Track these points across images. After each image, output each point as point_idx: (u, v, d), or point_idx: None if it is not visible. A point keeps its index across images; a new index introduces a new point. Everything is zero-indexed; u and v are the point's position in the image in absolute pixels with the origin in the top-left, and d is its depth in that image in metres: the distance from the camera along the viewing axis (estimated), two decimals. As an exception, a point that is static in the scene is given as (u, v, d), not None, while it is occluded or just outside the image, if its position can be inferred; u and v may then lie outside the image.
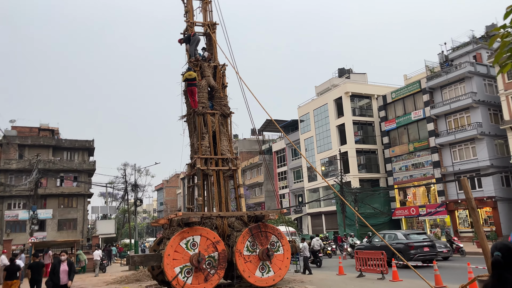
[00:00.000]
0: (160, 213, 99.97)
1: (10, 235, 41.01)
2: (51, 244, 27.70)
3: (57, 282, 10.02)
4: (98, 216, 57.02)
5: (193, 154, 16.35)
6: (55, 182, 46.38)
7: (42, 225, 42.74)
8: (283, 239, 14.84)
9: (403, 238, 18.78)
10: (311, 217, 48.64)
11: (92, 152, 50.31)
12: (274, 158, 57.16)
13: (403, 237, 18.91)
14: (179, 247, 13.01)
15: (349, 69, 53.30)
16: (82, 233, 45.77)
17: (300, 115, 51.29)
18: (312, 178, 48.04)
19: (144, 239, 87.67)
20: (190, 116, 16.83)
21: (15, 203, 44.28)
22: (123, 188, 38.95)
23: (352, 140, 43.03)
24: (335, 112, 45.32)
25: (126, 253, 38.16)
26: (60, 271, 10.19)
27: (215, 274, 13.28)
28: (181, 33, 18.16)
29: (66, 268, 10.28)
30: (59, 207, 45.88)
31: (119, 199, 53.20)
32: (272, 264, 14.19)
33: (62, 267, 10.24)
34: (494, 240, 28.11)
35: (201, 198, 15.36)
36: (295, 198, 52.77)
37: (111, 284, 17.42)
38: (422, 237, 19.39)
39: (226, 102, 16.94)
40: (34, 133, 49.48)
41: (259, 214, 15.04)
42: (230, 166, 15.93)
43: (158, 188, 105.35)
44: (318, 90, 51.78)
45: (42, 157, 37.40)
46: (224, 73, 17.36)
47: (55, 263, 10.45)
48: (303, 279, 15.22)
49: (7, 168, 43.57)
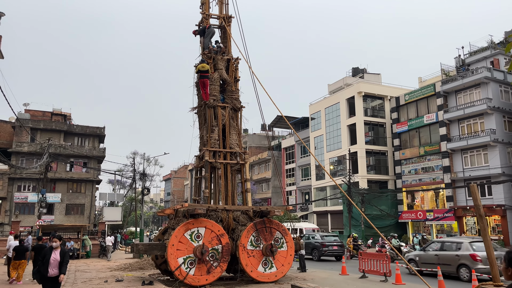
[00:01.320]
0: (167, 203, 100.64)
1: (19, 217, 41.66)
2: (58, 227, 28.05)
3: (44, 273, 8.17)
4: (105, 202, 57.57)
5: (202, 146, 16.38)
6: (65, 167, 46.90)
7: (50, 209, 43.29)
8: (288, 236, 14.82)
9: (319, 238, 25.84)
10: (317, 215, 48.55)
11: (102, 139, 50.72)
12: (283, 154, 57.08)
13: (319, 237, 25.95)
14: (183, 238, 13.07)
15: (363, 68, 52.84)
16: (89, 218, 46.28)
17: (311, 112, 51.07)
18: (320, 176, 47.88)
19: (149, 228, 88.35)
20: (201, 108, 16.85)
21: (25, 185, 44.90)
22: (131, 176, 39.23)
23: (362, 140, 42.73)
24: (347, 111, 45.02)
25: (131, 241, 38.52)
26: (50, 260, 8.23)
27: (218, 266, 13.33)
28: (196, 24, 18.15)
29: (58, 257, 8.27)
30: (68, 192, 46.42)
31: (127, 187, 53.69)
32: (275, 260, 14.20)
33: (53, 255, 8.27)
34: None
35: (208, 190, 15.40)
36: (302, 195, 52.68)
37: (115, 271, 17.58)
38: (334, 238, 26.22)
39: (238, 96, 16.91)
40: (46, 117, 50.01)
41: (264, 210, 15.04)
42: (238, 160, 15.93)
43: (166, 179, 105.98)
44: (331, 89, 51.46)
45: (53, 141, 37.77)
46: (237, 66, 17.31)
47: (46, 250, 8.55)
48: (305, 277, 15.20)
49: (18, 151, 44.14)
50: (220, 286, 13.08)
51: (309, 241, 25.99)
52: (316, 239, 26.01)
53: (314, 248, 25.59)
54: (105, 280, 14.20)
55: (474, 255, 14.51)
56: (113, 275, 15.87)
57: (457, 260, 15.16)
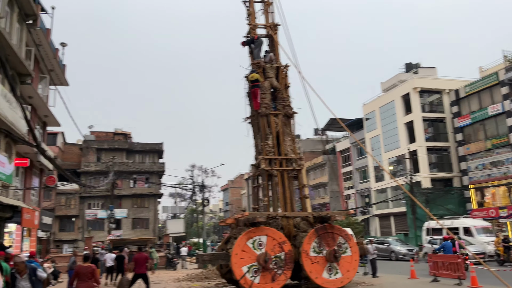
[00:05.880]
0: (226, 213, 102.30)
1: (91, 233, 44.29)
2: (127, 241, 29.46)
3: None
4: (168, 215, 59.72)
5: (257, 155, 16.51)
6: (129, 183, 49.31)
7: (118, 224, 45.62)
8: (351, 241, 14.49)
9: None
10: (379, 218, 47.03)
11: (161, 155, 52.80)
12: (339, 158, 56.07)
13: None
14: (246, 247, 13.20)
15: (417, 63, 50.80)
16: (154, 231, 48.19)
17: (365, 113, 49.83)
18: (379, 178, 46.42)
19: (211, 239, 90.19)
20: (253, 118, 17.02)
21: (95, 203, 47.73)
22: (191, 188, 40.40)
23: (422, 138, 40.94)
24: (403, 109, 43.42)
25: (195, 252, 39.52)
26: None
27: (282, 274, 13.30)
28: (244, 36, 18.44)
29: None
30: (133, 207, 48.71)
31: (187, 199, 55.31)
32: (340, 265, 13.91)
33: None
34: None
35: (266, 198, 15.46)
36: (361, 198, 51.33)
37: (182, 281, 18.11)
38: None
39: (289, 102, 16.89)
40: (109, 137, 53.00)
41: (325, 215, 14.82)
42: (294, 166, 15.86)
43: (224, 189, 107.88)
44: (384, 87, 49.94)
45: (117, 159, 39.93)
46: (287, 73, 17.33)
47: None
48: (372, 282, 14.75)
49: (87, 171, 47.10)
50: (286, 293, 13.03)
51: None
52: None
53: None
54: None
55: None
56: (181, 285, 16.36)
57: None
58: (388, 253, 26.90)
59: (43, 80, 23.66)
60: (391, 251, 26.90)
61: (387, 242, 28.29)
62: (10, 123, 14.95)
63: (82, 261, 10.00)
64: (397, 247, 27.25)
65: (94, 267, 9.10)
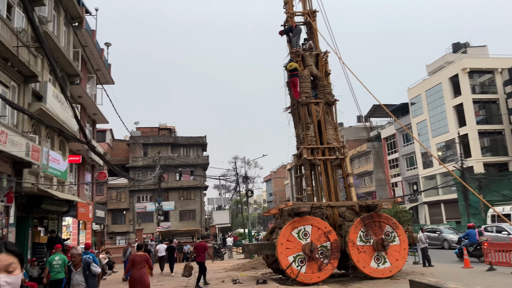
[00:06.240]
0: (269, 204, 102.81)
1: (141, 225, 46.05)
2: (175, 233, 30.40)
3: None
4: (213, 207, 60.88)
5: (299, 145, 16.40)
6: (175, 177, 50.69)
7: (166, 216, 47.09)
8: (399, 229, 14.12)
9: None
10: (428, 206, 45.44)
11: (205, 147, 53.77)
12: (384, 145, 54.58)
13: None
14: (291, 237, 13.21)
15: (465, 43, 48.18)
16: (201, 223, 49.34)
17: (411, 97, 48.04)
18: (427, 164, 44.75)
19: (256, 229, 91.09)
20: (294, 107, 16.89)
21: (143, 196, 49.53)
22: (235, 180, 40.89)
23: (472, 121, 38.94)
24: (451, 91, 41.43)
25: (241, 242, 40.10)
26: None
27: (329, 264, 13.20)
28: (282, 25, 18.26)
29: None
30: (180, 199, 50.08)
31: (232, 191, 56.08)
32: (388, 255, 13.61)
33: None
34: None
35: (310, 188, 15.35)
36: (408, 186, 49.78)
37: (230, 271, 18.44)
38: None
39: (330, 90, 16.61)
40: (154, 132, 54.63)
41: (371, 204, 14.53)
42: (337, 155, 15.61)
43: (267, 180, 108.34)
44: (430, 69, 47.83)
45: (162, 154, 41.10)
46: (327, 60, 17.02)
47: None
48: (423, 271, 14.29)
49: (134, 165, 48.87)
50: (333, 283, 12.92)
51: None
52: None
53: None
54: (222, 280, 14.96)
55: None
56: (229, 275, 16.65)
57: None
58: (440, 242, 25.94)
59: (91, 80, 24.70)
60: (443, 240, 25.91)
61: (439, 230, 27.28)
62: (62, 122, 15.75)
63: (136, 250, 10.64)
64: (450, 235, 26.20)
65: (147, 255, 9.61)
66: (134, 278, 9.14)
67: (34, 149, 12.36)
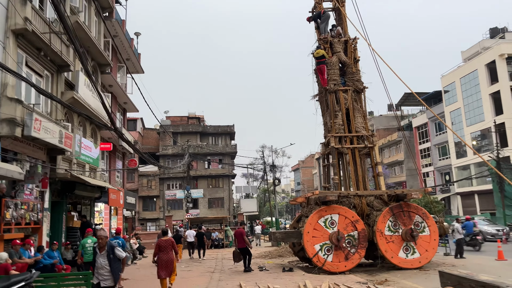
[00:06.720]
0: (297, 193, 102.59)
1: (171, 212, 47.01)
2: (204, 220, 30.84)
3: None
4: (241, 195, 61.36)
5: (326, 133, 16.19)
6: (204, 165, 51.31)
7: (195, 203, 47.85)
8: (429, 220, 13.79)
9: None
10: (461, 197, 44.11)
11: (233, 136, 54.05)
12: (415, 134, 53.18)
13: None
14: (317, 225, 13.14)
15: (503, 27, 45.95)
16: (229, 210, 49.86)
17: (444, 85, 46.42)
18: (461, 154, 43.33)
19: (284, 218, 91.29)
20: (321, 95, 16.65)
21: (173, 184, 50.45)
22: (262, 169, 40.96)
23: (510, 109, 37.26)
24: (488, 78, 39.72)
25: (268, 230, 40.31)
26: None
27: (356, 253, 13.07)
28: (310, 11, 17.95)
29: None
30: (208, 187, 50.71)
31: (259, 179, 56.27)
32: (417, 245, 13.34)
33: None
34: None
35: (337, 177, 15.16)
36: (441, 176, 48.43)
37: (256, 258, 18.54)
38: None
39: (359, 77, 16.25)
40: (183, 121, 55.32)
41: (400, 193, 14.24)
42: (366, 144, 15.33)
43: (295, 169, 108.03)
44: (465, 56, 45.98)
45: (191, 142, 41.64)
46: (356, 47, 16.63)
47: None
48: (454, 263, 13.92)
49: (164, 154, 49.78)
50: (360, 272, 12.80)
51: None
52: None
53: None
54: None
55: None
56: (255, 262, 16.75)
57: None
58: (474, 234, 25.22)
59: (121, 69, 25.15)
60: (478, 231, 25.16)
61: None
62: (93, 110, 16.14)
63: (161, 235, 10.95)
64: (485, 226, 25.35)
65: (172, 240, 10.02)
66: (162, 260, 9.78)
67: (67, 136, 12.74)
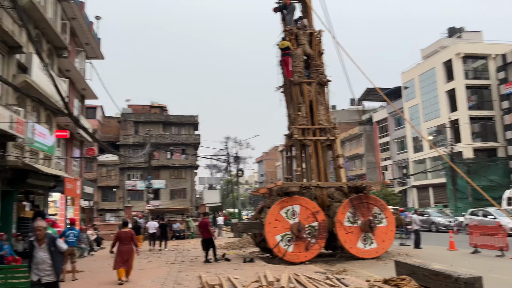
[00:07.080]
0: (261, 185, 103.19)
1: (131, 202, 45.98)
2: (165, 211, 30.41)
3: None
4: (204, 186, 60.96)
5: (290, 125, 16.26)
6: (166, 155, 50.47)
7: (156, 194, 47.04)
8: (387, 211, 14.19)
9: None
10: (417, 189, 45.93)
11: (197, 127, 53.44)
12: (375, 128, 54.68)
13: None
14: (279, 216, 13.20)
15: (461, 27, 47.89)
16: (191, 201, 49.40)
17: (404, 81, 47.92)
18: (418, 148, 45.03)
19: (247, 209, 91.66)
20: (286, 87, 16.68)
21: (133, 174, 49.32)
22: (226, 160, 40.80)
23: (464, 106, 39.04)
24: (444, 76, 41.35)
25: (230, 221, 40.34)
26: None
27: (316, 243, 13.25)
28: (276, 1, 17.86)
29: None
30: (170, 178, 49.98)
31: (223, 171, 56.11)
32: (375, 236, 13.70)
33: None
34: None
35: (300, 168, 15.28)
36: (398, 170, 50.17)
37: (218, 249, 18.43)
38: None
39: (323, 70, 16.37)
40: (146, 110, 54.00)
41: (360, 185, 14.55)
42: (328, 136, 15.52)
43: (259, 161, 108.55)
44: (425, 54, 47.60)
45: (153, 132, 40.79)
46: (320, 39, 16.72)
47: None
48: (409, 253, 14.44)
49: (125, 143, 48.48)
50: (320, 263, 13.00)
51: None
52: None
53: None
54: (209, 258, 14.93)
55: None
56: (217, 253, 16.65)
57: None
58: (428, 225, 26.30)
59: (80, 54, 24.11)
60: (431, 222, 26.27)
61: (427, 213, 27.64)
62: (48, 95, 15.39)
63: (122, 226, 10.73)
64: (438, 218, 26.56)
65: (132, 232, 9.87)
66: (122, 251, 9.75)
67: (18, 122, 12.07)
